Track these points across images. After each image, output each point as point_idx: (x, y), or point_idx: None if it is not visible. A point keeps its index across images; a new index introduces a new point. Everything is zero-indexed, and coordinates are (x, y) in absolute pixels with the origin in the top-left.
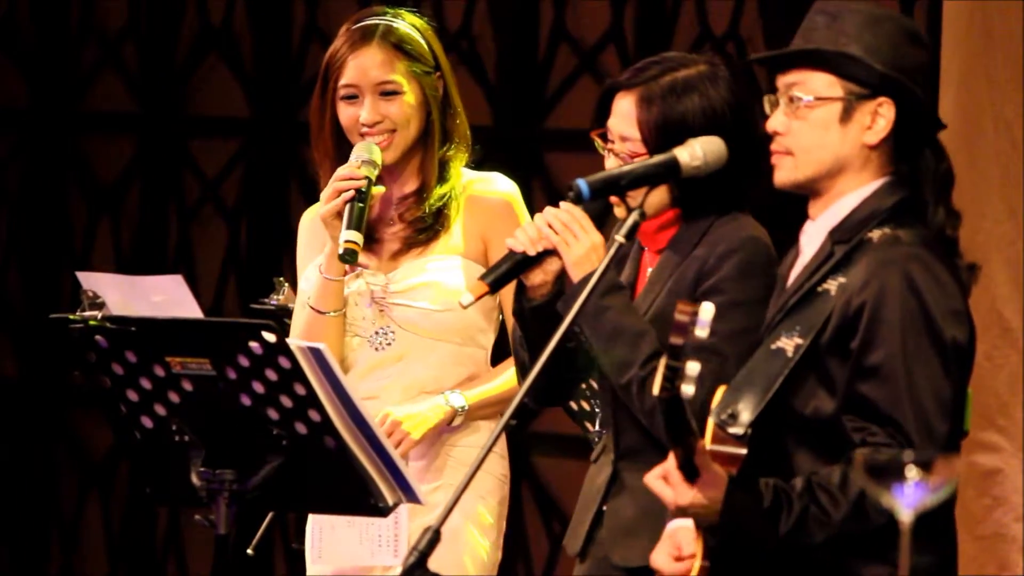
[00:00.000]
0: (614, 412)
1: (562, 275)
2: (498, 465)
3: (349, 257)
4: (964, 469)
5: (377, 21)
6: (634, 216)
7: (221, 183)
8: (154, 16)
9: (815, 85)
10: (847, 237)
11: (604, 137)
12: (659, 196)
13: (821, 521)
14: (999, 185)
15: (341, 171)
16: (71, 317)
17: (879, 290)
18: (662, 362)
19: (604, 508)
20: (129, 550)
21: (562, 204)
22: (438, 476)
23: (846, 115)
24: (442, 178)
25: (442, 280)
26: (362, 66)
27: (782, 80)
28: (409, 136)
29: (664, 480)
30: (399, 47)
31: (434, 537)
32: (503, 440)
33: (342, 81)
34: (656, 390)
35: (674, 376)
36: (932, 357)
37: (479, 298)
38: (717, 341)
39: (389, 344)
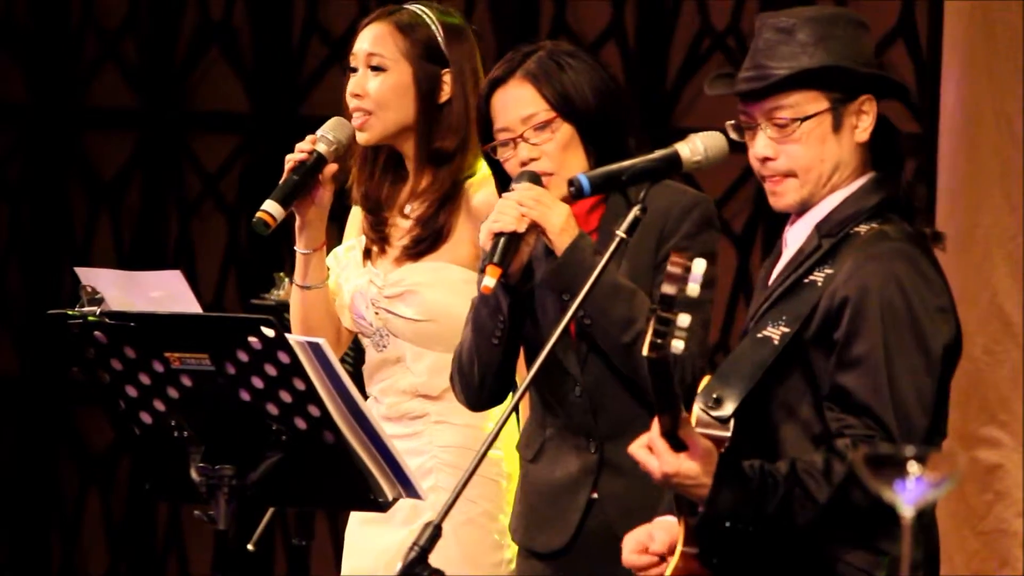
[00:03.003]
0: (588, 400)
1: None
2: (487, 465)
3: (260, 227)
4: (965, 464)
5: (403, 6)
6: (635, 211)
7: (221, 178)
8: (154, 11)
9: (801, 105)
10: (834, 231)
11: (494, 151)
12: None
13: (805, 504)
14: (999, 180)
15: (299, 144)
16: (70, 313)
17: (863, 284)
18: (652, 322)
19: (595, 496)
20: (130, 545)
21: (516, 184)
22: (426, 478)
23: (837, 123)
24: (453, 178)
25: (425, 290)
26: (362, 38)
27: (759, 108)
28: (387, 119)
29: (648, 449)
30: (400, 26)
31: (435, 532)
32: (497, 441)
33: (351, 52)
34: (645, 350)
35: (665, 329)
36: (914, 353)
37: (499, 280)
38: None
39: (386, 346)
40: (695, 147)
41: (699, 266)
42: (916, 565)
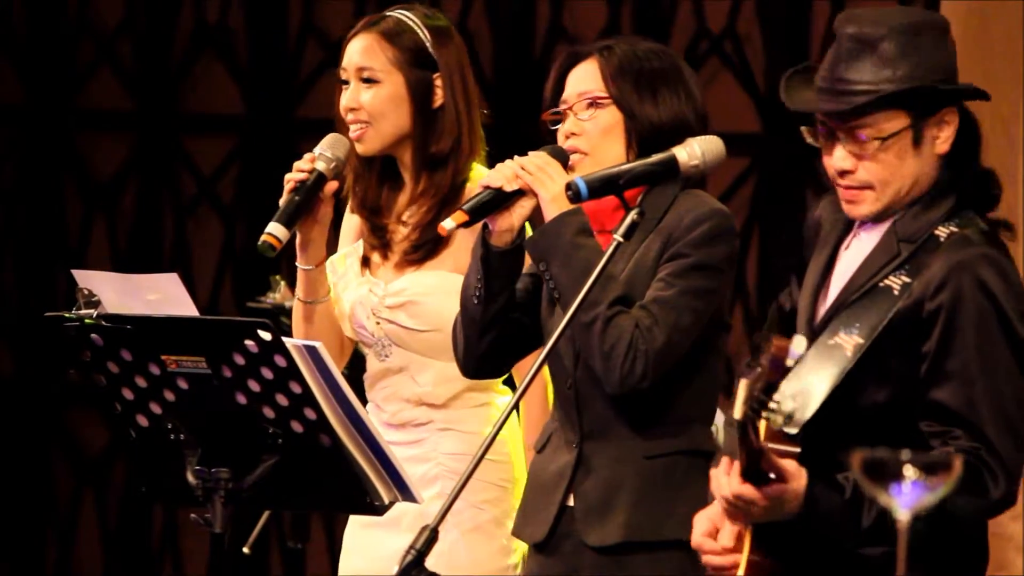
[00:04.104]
0: (575, 394)
1: (523, 226)
2: (495, 471)
3: (265, 250)
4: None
5: (386, 13)
6: (632, 215)
7: (217, 181)
8: (150, 13)
9: (882, 125)
10: (914, 237)
11: (553, 122)
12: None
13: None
14: None
15: (297, 163)
16: (66, 315)
17: (954, 295)
18: (744, 385)
19: (571, 494)
20: (125, 548)
21: (532, 153)
22: (432, 485)
23: (918, 139)
24: (450, 181)
25: (428, 299)
26: (350, 50)
27: (838, 122)
28: (384, 130)
29: (738, 498)
30: (387, 35)
31: (431, 536)
32: (503, 446)
33: (341, 65)
34: (738, 415)
35: (760, 407)
36: (1009, 358)
37: (459, 226)
38: (676, 295)
39: (388, 356)
40: (692, 151)
41: (799, 344)
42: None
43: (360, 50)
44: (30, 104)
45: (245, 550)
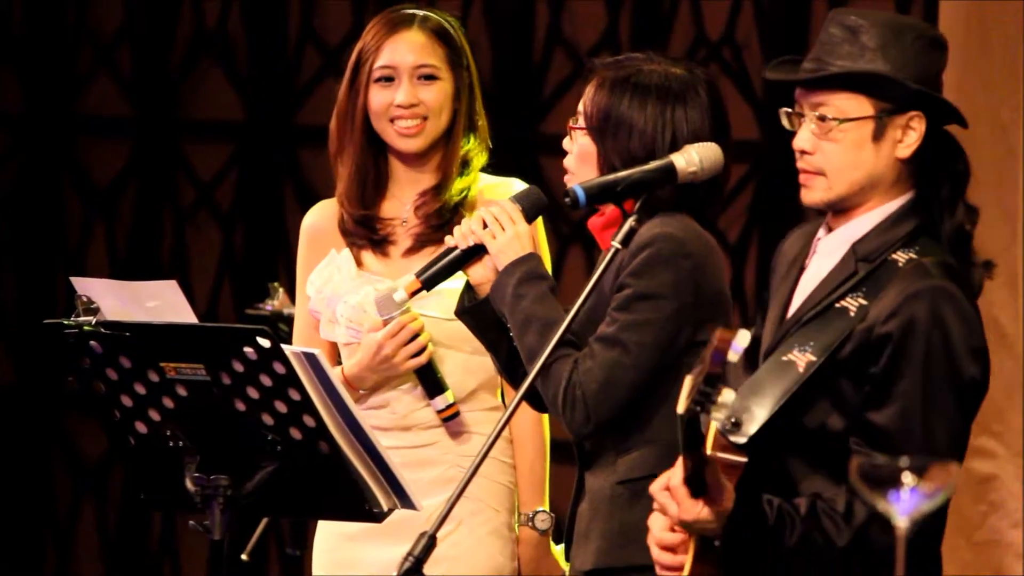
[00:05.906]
0: None
1: None
2: (508, 473)
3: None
4: (960, 475)
5: (413, 11)
6: (630, 222)
7: (216, 187)
8: (149, 19)
9: (845, 106)
10: (872, 256)
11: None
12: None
13: (822, 547)
14: (994, 189)
15: (386, 341)
16: (65, 322)
17: (906, 323)
18: (689, 381)
19: (574, 517)
20: (124, 555)
21: (498, 201)
22: (447, 487)
23: (879, 133)
24: (462, 174)
25: (450, 288)
26: (401, 48)
27: (807, 99)
28: (440, 126)
29: (669, 493)
30: (438, 34)
31: (430, 543)
32: (510, 447)
33: (378, 63)
34: (681, 409)
35: (704, 400)
36: (949, 394)
37: (412, 295)
38: (617, 330)
39: None
40: (690, 158)
41: (743, 338)
42: None
43: (416, 47)
44: (29, 110)
45: (244, 557)
